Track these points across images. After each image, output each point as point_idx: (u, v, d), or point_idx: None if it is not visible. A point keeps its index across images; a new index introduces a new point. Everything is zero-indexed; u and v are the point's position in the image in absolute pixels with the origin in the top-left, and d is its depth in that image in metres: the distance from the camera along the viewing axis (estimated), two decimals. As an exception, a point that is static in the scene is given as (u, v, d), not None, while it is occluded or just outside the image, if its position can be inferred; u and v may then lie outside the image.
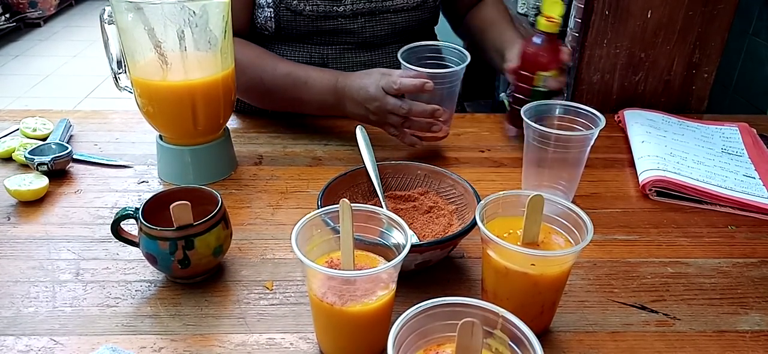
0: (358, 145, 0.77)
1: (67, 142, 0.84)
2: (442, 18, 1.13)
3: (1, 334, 0.54)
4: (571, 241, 0.54)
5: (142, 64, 0.74)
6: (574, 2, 1.22)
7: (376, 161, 0.73)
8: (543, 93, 0.84)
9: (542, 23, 0.83)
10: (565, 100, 0.85)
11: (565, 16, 1.33)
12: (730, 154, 0.88)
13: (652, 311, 0.59)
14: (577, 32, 1.20)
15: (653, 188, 0.79)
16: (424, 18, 1.02)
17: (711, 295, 0.62)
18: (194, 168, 0.79)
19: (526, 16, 1.52)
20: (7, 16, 3.82)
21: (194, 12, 0.71)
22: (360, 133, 0.78)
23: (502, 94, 1.86)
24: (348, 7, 0.95)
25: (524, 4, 1.55)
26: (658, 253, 0.68)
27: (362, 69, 0.96)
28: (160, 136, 0.79)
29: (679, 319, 0.58)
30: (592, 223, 0.52)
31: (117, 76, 0.82)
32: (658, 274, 0.65)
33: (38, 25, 4.07)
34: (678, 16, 1.02)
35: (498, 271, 0.53)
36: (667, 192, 0.78)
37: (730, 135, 0.93)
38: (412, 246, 0.50)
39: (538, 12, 1.44)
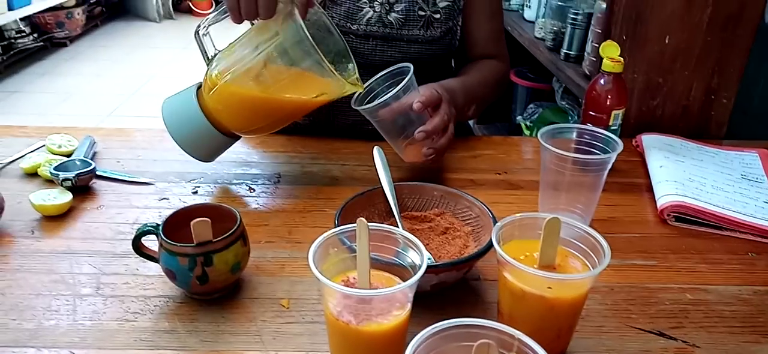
0: (375, 166, 0.77)
1: (91, 159, 0.86)
2: None
3: (22, 346, 0.56)
4: (588, 265, 0.54)
5: (245, 79, 0.76)
6: (591, 27, 1.23)
7: (393, 182, 0.74)
8: (615, 131, 0.86)
9: (608, 65, 0.86)
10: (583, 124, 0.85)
11: (582, 42, 1.34)
12: (749, 180, 0.87)
13: (671, 338, 0.58)
14: (594, 57, 1.20)
15: (672, 213, 0.78)
16: (437, 53, 1.01)
17: (731, 323, 0.61)
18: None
19: (544, 40, 1.53)
20: (35, 35, 3.94)
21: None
22: (377, 154, 0.79)
23: (519, 117, 1.87)
24: (362, 27, 0.96)
25: (542, 28, 1.56)
26: (677, 279, 0.67)
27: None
28: (198, 92, 0.80)
29: (698, 347, 0.57)
30: (610, 248, 0.52)
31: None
32: (677, 301, 0.64)
33: (64, 45, 4.18)
34: (696, 41, 1.02)
35: (514, 294, 0.53)
36: (686, 217, 0.78)
37: (749, 161, 0.92)
38: (428, 267, 0.51)
39: (556, 38, 1.45)
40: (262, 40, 0.77)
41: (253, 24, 0.80)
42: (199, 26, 0.79)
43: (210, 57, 0.81)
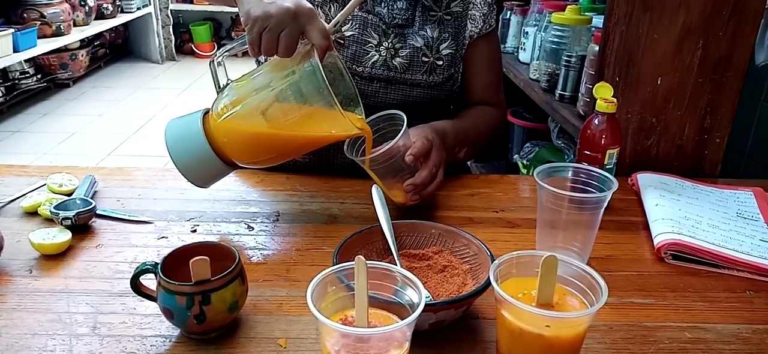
0: (373, 204, 0.78)
1: (92, 198, 0.87)
2: None
3: (17, 386, 0.55)
4: (586, 303, 0.54)
5: (255, 112, 0.77)
6: (585, 69, 1.26)
7: (392, 220, 0.74)
8: (610, 170, 0.88)
9: (601, 105, 0.87)
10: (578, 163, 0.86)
11: (576, 83, 1.36)
12: (745, 218, 0.87)
13: (671, 377, 0.58)
14: (588, 98, 1.22)
15: (669, 251, 0.78)
16: (438, 97, 1.04)
17: (731, 363, 0.60)
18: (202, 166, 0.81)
19: (538, 81, 1.56)
20: (39, 76, 3.99)
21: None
22: (376, 193, 0.80)
23: (516, 156, 1.88)
24: (367, 69, 0.99)
25: (536, 70, 1.59)
26: (675, 317, 0.67)
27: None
28: (204, 117, 0.80)
29: (699, 387, 0.57)
30: (607, 286, 0.52)
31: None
32: (675, 339, 0.64)
33: (67, 85, 4.22)
34: (687, 82, 1.04)
35: (512, 333, 0.53)
36: (683, 255, 0.78)
37: (744, 199, 0.93)
38: (426, 305, 0.51)
39: (550, 79, 1.48)
40: (276, 76, 0.79)
41: (266, 60, 0.82)
42: (214, 54, 0.81)
43: (221, 86, 0.82)
